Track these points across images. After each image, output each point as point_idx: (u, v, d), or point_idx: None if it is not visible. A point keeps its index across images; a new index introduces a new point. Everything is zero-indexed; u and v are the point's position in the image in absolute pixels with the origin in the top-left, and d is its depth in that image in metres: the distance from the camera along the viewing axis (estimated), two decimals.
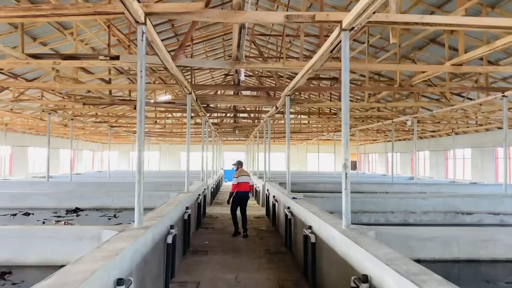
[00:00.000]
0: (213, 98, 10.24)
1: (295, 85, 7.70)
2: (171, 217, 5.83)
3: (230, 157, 37.50)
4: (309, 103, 10.71)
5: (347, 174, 4.44)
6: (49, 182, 13.23)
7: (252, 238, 9.08)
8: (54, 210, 8.41)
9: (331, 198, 8.86)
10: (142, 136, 4.46)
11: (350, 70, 4.40)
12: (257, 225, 10.72)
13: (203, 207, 11.74)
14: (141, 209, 4.45)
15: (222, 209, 14.26)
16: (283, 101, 9.51)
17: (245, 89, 9.40)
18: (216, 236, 9.20)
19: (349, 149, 4.47)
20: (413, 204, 8.98)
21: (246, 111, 15.59)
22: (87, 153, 35.73)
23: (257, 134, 19.36)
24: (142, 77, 4.41)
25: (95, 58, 6.67)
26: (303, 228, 6.13)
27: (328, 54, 5.42)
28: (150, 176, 21.54)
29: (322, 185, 13.37)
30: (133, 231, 4.18)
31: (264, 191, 14.69)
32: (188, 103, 8.84)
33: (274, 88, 9.96)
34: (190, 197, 8.43)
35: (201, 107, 11.03)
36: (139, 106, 4.42)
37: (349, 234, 4.11)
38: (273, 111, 11.23)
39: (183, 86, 8.04)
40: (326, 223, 4.88)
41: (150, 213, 5.42)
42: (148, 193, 8.90)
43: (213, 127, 18.74)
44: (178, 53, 6.57)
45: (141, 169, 4.49)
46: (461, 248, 4.40)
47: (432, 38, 11.18)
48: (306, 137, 30.31)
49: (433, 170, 26.21)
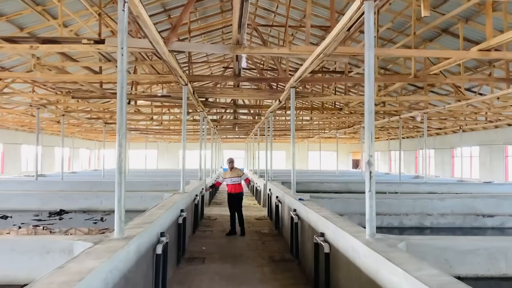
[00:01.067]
0: (211, 91, 9.48)
1: (302, 74, 6.93)
2: (162, 223, 5.08)
3: (229, 155, 36.73)
4: (315, 96, 9.94)
5: (372, 173, 3.69)
6: (38, 182, 12.49)
7: (254, 242, 8.33)
8: (37, 212, 7.65)
9: (340, 199, 8.11)
10: (123, 128, 3.71)
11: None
12: (258, 228, 9.97)
13: (200, 208, 10.98)
14: (122, 215, 3.69)
15: (221, 209, 13.50)
16: (287, 93, 8.75)
17: (246, 80, 8.64)
18: (215, 241, 8.44)
19: (373, 143, 3.72)
20: (429, 206, 8.26)
21: (246, 105, 14.81)
22: (84, 151, 34.95)
23: (258, 131, 18.59)
24: (123, 56, 3.65)
25: (78, 42, 5.91)
26: (313, 235, 5.38)
27: (344, 34, 4.66)
28: (146, 175, 20.84)
29: (327, 185, 12.63)
30: (112, 242, 3.43)
31: (265, 191, 13.93)
32: (184, 96, 8.08)
33: (278, 79, 9.20)
34: (185, 198, 7.68)
35: (198, 101, 10.25)
36: (119, 91, 3.67)
37: (376, 246, 3.36)
38: (276, 105, 10.46)
39: (178, 76, 7.28)
40: (343, 231, 4.13)
41: (136, 219, 4.67)
42: (140, 194, 8.17)
43: (212, 123, 17.97)
44: (172, 36, 5.80)
45: (122, 167, 3.73)
46: (509, 262, 3.64)
47: (445, 28, 10.41)
48: (308, 135, 29.57)
49: (438, 169, 25.47)
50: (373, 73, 3.69)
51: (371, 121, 3.71)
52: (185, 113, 8.01)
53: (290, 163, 32.30)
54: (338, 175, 21.15)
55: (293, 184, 8.09)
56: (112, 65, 7.74)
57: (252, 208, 14.11)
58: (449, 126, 21.52)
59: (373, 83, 3.69)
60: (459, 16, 9.25)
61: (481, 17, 9.11)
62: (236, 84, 9.29)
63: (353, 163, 38.81)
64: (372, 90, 3.69)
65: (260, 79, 9.66)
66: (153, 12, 11.57)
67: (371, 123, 3.71)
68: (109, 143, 37.53)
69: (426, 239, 3.79)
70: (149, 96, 9.95)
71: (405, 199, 8.26)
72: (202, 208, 11.35)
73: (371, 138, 3.69)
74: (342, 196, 8.15)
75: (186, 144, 8.69)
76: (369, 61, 3.68)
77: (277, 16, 13.94)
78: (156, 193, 8.20)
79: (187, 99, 10.24)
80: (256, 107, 13.91)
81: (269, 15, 14.18)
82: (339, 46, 5.28)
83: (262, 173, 18.53)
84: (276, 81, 9.49)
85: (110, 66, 8.35)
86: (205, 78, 8.88)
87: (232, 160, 9.71)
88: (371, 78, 3.68)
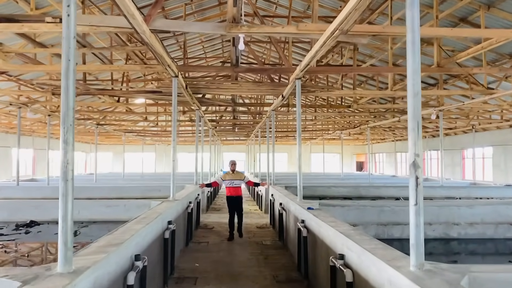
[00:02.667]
0: (206, 85, 8.44)
1: (310, 61, 5.89)
2: (139, 242, 4.03)
3: (229, 158, 35.64)
4: (322, 91, 8.86)
5: (419, 179, 2.65)
6: (18, 187, 11.43)
7: (255, 257, 7.26)
8: (3, 224, 6.62)
9: (354, 207, 7.06)
10: (69, 118, 2.66)
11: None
12: (260, 238, 8.90)
13: (195, 217, 9.93)
14: (68, 239, 2.63)
15: (220, 216, 12.43)
16: (292, 86, 7.70)
17: (245, 71, 7.61)
18: (210, 255, 7.38)
19: (420, 139, 2.67)
20: (456, 214, 7.22)
21: (245, 104, 13.74)
22: (80, 155, 33.91)
23: (259, 132, 17.54)
24: (70, 16, 2.62)
25: (41, 20, 4.88)
26: (328, 254, 4.33)
27: (368, 1, 3.63)
28: (141, 179, 19.81)
29: (335, 189, 11.56)
30: (49, 281, 2.38)
31: (267, 196, 12.87)
32: (173, 89, 7.04)
33: (281, 69, 8.15)
34: (175, 207, 6.63)
35: (193, 97, 9.22)
36: (65, 64, 2.63)
37: (429, 285, 2.32)
38: (279, 101, 9.40)
39: (165, 65, 6.24)
40: (374, 256, 3.08)
41: (102, 239, 3.62)
42: (124, 202, 7.13)
43: (210, 124, 16.91)
44: (153, 12, 4.77)
45: (68, 173, 2.68)
46: None
47: (463, 16, 9.35)
48: (310, 136, 28.52)
49: (447, 171, 24.35)
50: (418, 38, 2.64)
51: (416, 107, 2.67)
52: (175, 109, 6.97)
53: (292, 165, 31.40)
54: (344, 178, 20.10)
55: (300, 190, 7.04)
56: (87, 51, 6.70)
57: (253, 215, 13.05)
58: (460, 126, 20.48)
59: (418, 51, 2.65)
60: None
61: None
62: (234, 76, 8.25)
63: (357, 165, 37.72)
64: (417, 62, 2.64)
65: (261, 70, 8.59)
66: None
67: (416, 110, 2.67)
68: (107, 146, 36.69)
69: (495, 270, 2.74)
70: (137, 92, 8.92)
71: (428, 206, 7.19)
72: (197, 215, 10.31)
73: (417, 131, 2.64)
74: (357, 204, 7.09)
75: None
76: (413, 21, 2.64)
77: (279, 8, 12.92)
78: (143, 201, 7.14)
79: (179, 95, 9.24)
80: (256, 105, 12.86)
81: (270, 7, 13.16)
82: (356, 24, 4.26)
83: (263, 176, 17.48)
84: (278, 72, 8.44)
85: (85, 52, 7.26)
86: (198, 68, 7.85)
87: (235, 162, 9.44)
88: (416, 45, 2.64)
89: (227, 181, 9.21)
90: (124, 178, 20.48)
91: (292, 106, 11.80)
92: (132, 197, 11.33)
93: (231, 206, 9.09)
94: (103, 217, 6.89)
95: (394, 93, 9.11)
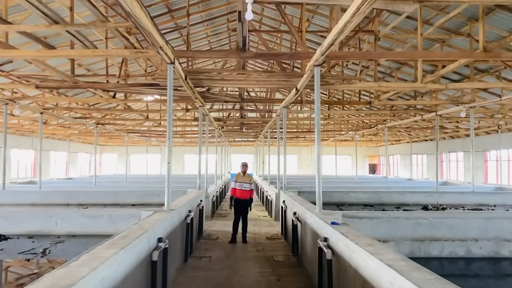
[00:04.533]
0: (209, 76, 7.32)
1: (335, 39, 4.74)
2: (105, 277, 2.91)
3: (237, 160, 34.51)
4: (342, 83, 7.66)
5: None
6: (4, 191, 10.43)
7: (265, 278, 6.10)
8: None
9: (384, 219, 5.90)
10: None
11: None
12: (270, 252, 7.74)
13: (197, 226, 8.82)
14: None
15: (225, 224, 11.30)
16: (308, 76, 6.54)
17: (253, 57, 6.47)
18: (212, 275, 6.23)
19: None
20: (506, 228, 6.00)
21: (253, 100, 12.58)
22: (83, 156, 33.03)
23: (268, 132, 16.35)
24: None
25: None
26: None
27: None
28: (141, 182, 18.74)
29: (354, 195, 10.36)
30: None
31: (278, 202, 11.72)
32: (169, 77, 5.92)
33: (295, 54, 6.94)
34: (170, 218, 5.51)
35: (195, 91, 8.10)
36: None
37: None
38: (292, 96, 8.24)
39: (157, 47, 5.14)
40: None
41: (45, 278, 2.49)
42: (110, 212, 6.02)
43: (217, 124, 15.78)
44: None
45: None
46: None
47: None
48: (322, 137, 27.27)
49: (468, 174, 22.95)
50: None
51: None
52: (171, 101, 5.85)
53: (302, 168, 30.05)
54: (358, 182, 18.85)
55: (319, 198, 5.86)
56: (61, 29, 5.58)
57: (263, 222, 11.89)
58: (482, 126, 19.14)
59: None
60: None
61: None
62: (241, 65, 7.10)
63: (369, 168, 36.35)
64: None
65: (272, 55, 7.39)
66: None
67: None
68: (111, 147, 35.76)
69: None
70: (130, 86, 7.83)
71: (473, 219, 6.00)
72: (200, 224, 9.19)
73: None
74: (388, 216, 5.90)
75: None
76: None
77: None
78: (132, 211, 6.03)
79: (179, 89, 8.14)
80: (266, 101, 11.70)
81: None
82: None
83: (272, 179, 16.32)
84: (293, 58, 7.26)
85: (60, 31, 6.17)
86: (198, 54, 6.76)
87: (246, 164, 9.32)
88: None
89: (237, 183, 9.01)
90: (127, 180, 19.48)
91: (305, 102, 10.63)
92: (127, 202, 10.31)
93: (237, 209, 8.92)
94: (84, 230, 5.80)
95: (424, 85, 7.90)
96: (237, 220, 8.84)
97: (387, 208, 9.83)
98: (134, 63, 12.47)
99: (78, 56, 6.83)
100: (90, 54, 5.85)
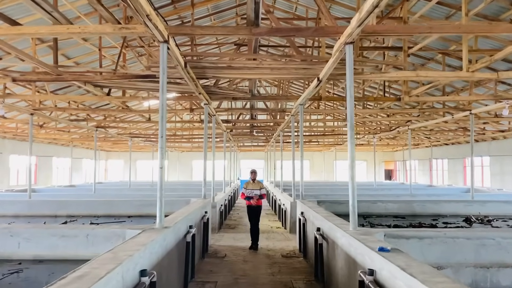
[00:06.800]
0: (214, 63, 6.07)
1: (378, 4, 3.46)
2: None
3: (246, 166, 33.21)
4: (373, 73, 6.34)
5: None
6: None
7: None
8: None
9: (438, 239, 4.56)
10: None
11: None
12: (288, 276, 6.41)
13: (201, 244, 7.52)
14: None
15: (235, 238, 10.02)
16: (337, 59, 5.25)
17: (267, 33, 5.16)
18: None
19: None
20: None
21: (266, 97, 11.29)
22: (89, 162, 32.01)
23: (281, 136, 15.02)
24: None
25: None
26: None
27: None
28: (145, 189, 17.41)
29: (382, 205, 8.99)
30: None
31: (293, 212, 10.41)
32: (161, 59, 4.69)
33: (321, 29, 5.56)
34: (161, 241, 4.24)
35: (197, 83, 6.87)
36: None
37: None
38: (312, 88, 6.93)
39: (142, 16, 3.91)
40: None
41: None
42: (87, 231, 4.77)
43: (225, 126, 14.52)
44: None
45: None
46: None
47: None
48: (336, 141, 25.83)
49: (495, 180, 21.40)
50: None
51: None
52: (164, 89, 4.61)
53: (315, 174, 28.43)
54: (377, 189, 17.41)
55: (354, 213, 4.54)
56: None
57: (276, 235, 10.56)
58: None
59: None
60: None
61: None
62: (253, 47, 5.80)
63: (385, 174, 34.77)
64: None
65: (291, 30, 6.02)
66: None
67: None
68: (117, 153, 34.73)
69: None
70: (122, 77, 6.61)
71: None
72: (205, 239, 7.91)
73: None
74: (443, 235, 4.56)
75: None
76: None
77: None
78: (117, 230, 4.75)
79: (180, 82, 6.91)
80: (280, 98, 10.38)
81: None
82: None
83: (285, 186, 14.99)
84: (317, 34, 5.88)
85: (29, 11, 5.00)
86: (199, 30, 5.49)
87: (255, 171, 9.49)
88: None
89: (248, 190, 9.18)
90: (130, 188, 18.33)
91: (325, 99, 9.33)
92: (123, 214, 9.10)
93: (250, 215, 9.18)
94: (55, 253, 4.57)
95: (471, 75, 6.56)
96: (252, 226, 9.03)
97: (421, 220, 8.47)
98: (133, 58, 11.29)
99: (49, 34, 5.64)
100: (64, 31, 4.67)
